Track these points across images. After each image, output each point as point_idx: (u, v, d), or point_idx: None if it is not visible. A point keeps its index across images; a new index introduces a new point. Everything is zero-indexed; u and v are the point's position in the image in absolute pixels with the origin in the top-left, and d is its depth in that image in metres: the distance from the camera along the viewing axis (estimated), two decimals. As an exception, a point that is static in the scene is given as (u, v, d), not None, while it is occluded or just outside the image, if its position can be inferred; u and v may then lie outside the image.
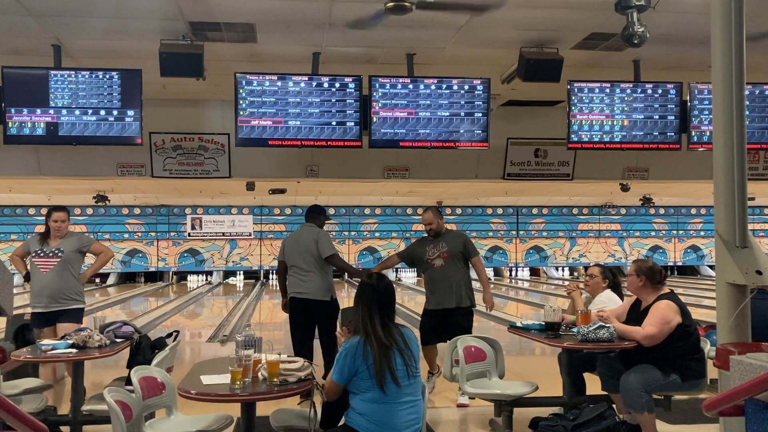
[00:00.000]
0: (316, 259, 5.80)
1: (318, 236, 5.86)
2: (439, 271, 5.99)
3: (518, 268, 22.66)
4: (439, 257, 6.01)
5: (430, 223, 6.09)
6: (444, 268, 5.98)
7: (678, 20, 5.73)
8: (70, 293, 5.55)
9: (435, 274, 6.02)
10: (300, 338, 5.85)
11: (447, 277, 5.96)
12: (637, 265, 4.57)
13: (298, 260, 5.85)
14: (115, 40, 6.12)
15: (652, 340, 4.30)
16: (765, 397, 2.19)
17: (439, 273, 5.98)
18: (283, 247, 6.07)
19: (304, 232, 6.00)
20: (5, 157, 7.74)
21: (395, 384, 3.16)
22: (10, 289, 3.09)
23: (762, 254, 3.22)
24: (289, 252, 5.97)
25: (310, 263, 5.80)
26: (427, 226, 6.12)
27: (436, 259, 6.01)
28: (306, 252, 5.82)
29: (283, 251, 6.03)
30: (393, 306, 3.40)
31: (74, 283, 5.59)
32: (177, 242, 20.68)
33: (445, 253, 6.00)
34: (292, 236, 6.12)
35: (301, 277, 5.83)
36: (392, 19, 5.41)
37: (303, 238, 5.93)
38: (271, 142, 6.55)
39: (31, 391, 4.53)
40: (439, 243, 6.05)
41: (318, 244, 5.81)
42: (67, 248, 5.56)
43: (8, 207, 19.41)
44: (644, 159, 8.70)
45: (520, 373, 5.69)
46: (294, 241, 6.01)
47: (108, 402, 3.14)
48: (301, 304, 5.83)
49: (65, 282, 5.53)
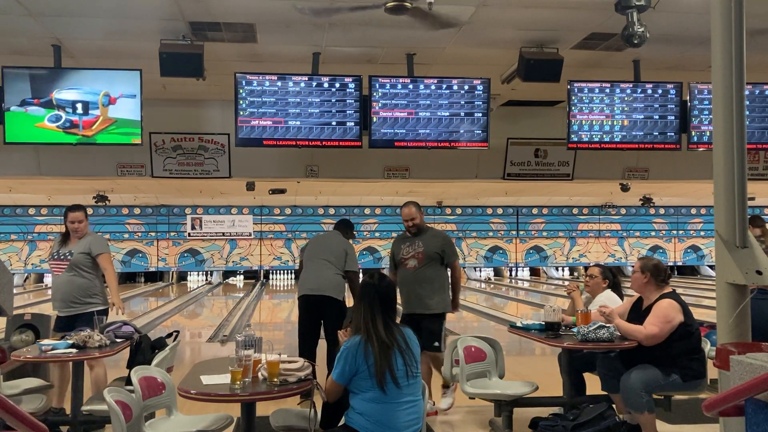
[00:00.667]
0: (339, 263, 5.93)
1: (348, 249, 6.07)
2: (411, 273, 5.52)
3: (518, 268, 22.66)
4: (414, 257, 5.53)
5: (411, 218, 5.59)
6: (417, 270, 5.50)
7: (678, 20, 5.73)
8: (81, 296, 5.32)
9: (407, 276, 5.53)
10: (308, 337, 5.87)
11: (418, 279, 5.47)
12: (643, 262, 4.57)
13: (322, 256, 5.93)
14: (115, 40, 6.12)
15: (654, 339, 4.30)
16: (765, 397, 2.19)
17: (410, 275, 5.51)
18: (304, 247, 6.27)
19: (335, 237, 6.19)
20: (5, 157, 7.75)
21: (395, 384, 3.16)
22: (10, 289, 3.09)
23: (762, 254, 3.22)
24: (313, 250, 6.06)
25: (332, 262, 5.91)
26: (408, 221, 5.61)
27: (409, 259, 5.55)
28: (332, 253, 5.96)
29: (304, 251, 6.20)
30: (394, 306, 3.41)
31: (87, 286, 5.34)
32: (177, 242, 20.67)
33: (420, 254, 5.51)
34: (318, 237, 6.43)
35: (320, 273, 5.86)
36: (392, 19, 5.41)
37: (333, 240, 6.14)
38: (271, 142, 6.55)
39: (31, 391, 4.53)
40: (416, 242, 5.58)
41: (347, 255, 5.99)
42: (77, 250, 5.36)
43: (8, 207, 19.41)
44: (644, 159, 8.70)
45: (520, 373, 5.68)
46: (321, 240, 6.26)
47: (108, 402, 3.14)
48: (312, 302, 5.86)
49: (75, 285, 5.32)
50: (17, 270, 19.54)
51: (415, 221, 5.60)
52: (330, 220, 21.00)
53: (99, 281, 5.45)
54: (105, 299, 5.48)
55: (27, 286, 19.86)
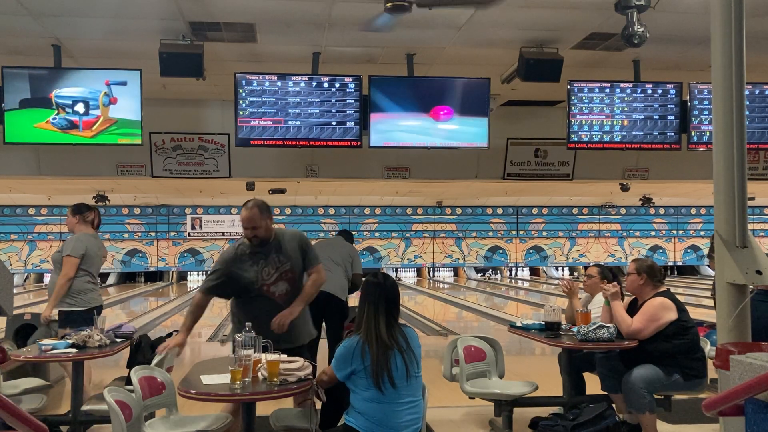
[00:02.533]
0: (345, 268, 6.12)
1: (354, 253, 6.33)
2: (281, 303, 4.01)
3: (518, 268, 22.68)
4: (282, 280, 4.03)
5: (253, 226, 3.95)
6: (289, 296, 4.04)
7: (678, 20, 5.73)
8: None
9: (273, 307, 3.96)
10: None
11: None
12: (638, 264, 4.58)
13: (329, 257, 5.99)
14: (115, 40, 6.12)
15: (636, 334, 4.34)
16: (765, 397, 2.19)
17: (280, 305, 4.00)
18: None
19: (341, 243, 6.43)
20: (5, 157, 7.75)
21: (391, 385, 3.16)
22: (10, 289, 3.09)
23: (762, 254, 3.22)
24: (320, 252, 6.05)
25: (340, 265, 6.08)
26: (249, 229, 3.97)
27: (276, 284, 4.02)
28: (340, 256, 6.14)
29: None
30: (398, 305, 3.42)
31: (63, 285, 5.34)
32: (177, 242, 20.67)
33: (289, 273, 4.05)
34: (324, 243, 6.60)
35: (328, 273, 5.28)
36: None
37: (339, 246, 6.35)
38: (271, 142, 6.55)
39: (31, 391, 4.53)
40: (272, 257, 4.03)
41: (354, 260, 6.22)
42: (59, 249, 5.46)
43: (8, 207, 19.41)
44: (644, 159, 8.71)
45: (520, 373, 5.68)
46: (327, 245, 6.40)
47: (108, 402, 3.14)
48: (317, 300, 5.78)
49: (51, 283, 5.38)
50: (17, 270, 19.54)
51: (258, 231, 3.99)
52: (330, 220, 21.01)
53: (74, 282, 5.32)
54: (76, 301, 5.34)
55: (27, 286, 19.87)
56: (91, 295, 5.42)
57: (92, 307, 5.38)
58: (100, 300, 5.55)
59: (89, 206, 5.65)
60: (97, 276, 5.54)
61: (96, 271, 5.52)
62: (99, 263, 5.57)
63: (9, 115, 6.25)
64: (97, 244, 5.55)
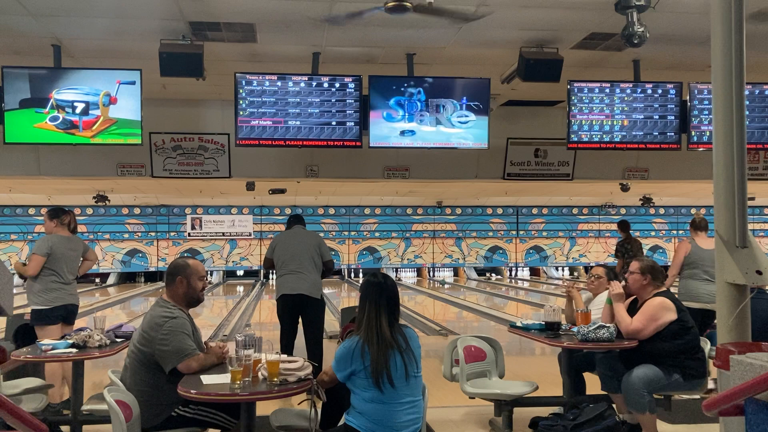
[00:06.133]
0: (315, 261, 6.24)
1: (320, 242, 6.39)
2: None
3: (518, 268, 22.67)
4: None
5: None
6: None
7: (678, 20, 5.72)
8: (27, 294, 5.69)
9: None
10: (290, 335, 6.23)
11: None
12: (642, 264, 4.58)
13: (299, 260, 6.19)
14: (115, 40, 6.12)
15: (635, 334, 4.35)
16: (765, 397, 2.19)
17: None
18: (274, 247, 6.40)
19: (303, 235, 6.42)
20: (5, 157, 7.75)
21: (390, 385, 3.16)
22: (10, 289, 3.09)
23: (762, 254, 3.22)
24: (285, 252, 6.26)
25: (311, 264, 6.21)
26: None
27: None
28: (307, 254, 6.23)
29: (273, 250, 6.38)
30: (398, 305, 3.42)
31: (28, 284, 5.68)
32: (177, 242, 20.67)
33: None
34: (287, 238, 6.43)
35: (301, 276, 6.15)
36: (392, 19, 5.41)
37: (304, 240, 6.33)
38: (271, 142, 6.55)
39: (31, 391, 4.53)
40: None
41: (321, 248, 6.32)
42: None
43: (8, 207, 19.41)
44: (644, 159, 8.71)
45: (520, 373, 5.69)
46: (291, 242, 6.34)
47: (108, 402, 3.14)
48: (292, 301, 6.16)
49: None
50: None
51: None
52: (330, 220, 21.02)
53: (38, 281, 5.61)
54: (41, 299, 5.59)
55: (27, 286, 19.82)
56: (55, 294, 5.60)
57: (56, 306, 5.58)
58: (67, 299, 5.69)
59: (65, 210, 5.93)
60: (68, 276, 5.71)
61: (67, 271, 5.70)
62: (71, 264, 5.76)
63: (9, 115, 6.25)
64: (69, 246, 5.76)
